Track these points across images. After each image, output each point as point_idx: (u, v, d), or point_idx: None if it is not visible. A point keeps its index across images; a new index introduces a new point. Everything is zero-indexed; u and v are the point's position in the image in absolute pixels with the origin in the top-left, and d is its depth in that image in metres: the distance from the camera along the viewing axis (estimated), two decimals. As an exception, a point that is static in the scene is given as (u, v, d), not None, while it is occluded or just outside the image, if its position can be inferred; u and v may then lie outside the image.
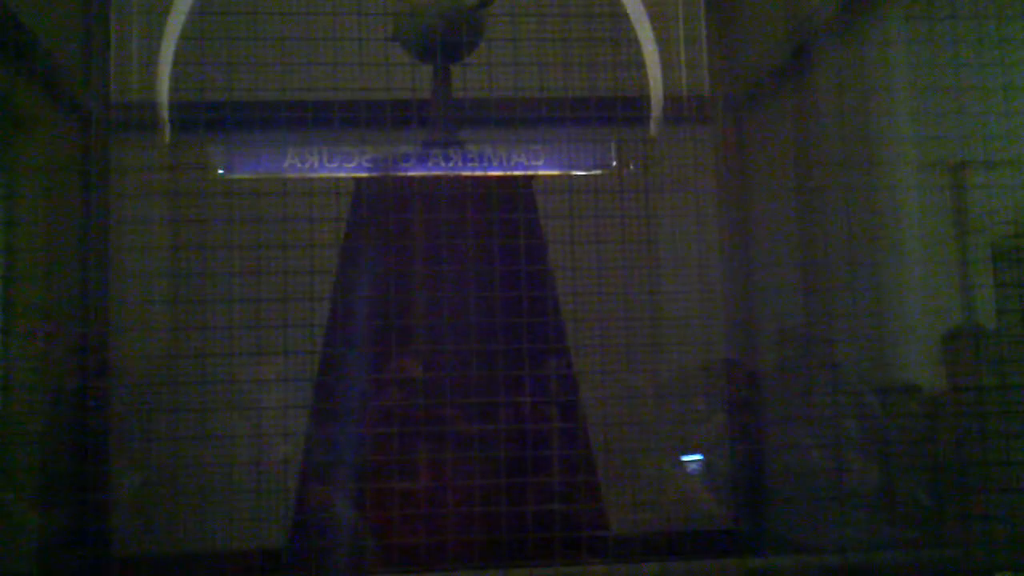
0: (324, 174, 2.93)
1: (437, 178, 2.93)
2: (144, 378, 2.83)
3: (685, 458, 3.05)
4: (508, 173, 2.96)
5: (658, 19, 3.33)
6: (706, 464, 3.08)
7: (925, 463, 2.81)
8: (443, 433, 2.64)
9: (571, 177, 3.01)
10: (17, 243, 2.77)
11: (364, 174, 2.94)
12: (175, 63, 3.08)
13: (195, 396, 2.62)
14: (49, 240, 2.90)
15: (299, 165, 2.94)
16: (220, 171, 2.95)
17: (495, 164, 2.96)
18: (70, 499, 2.75)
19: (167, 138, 3.12)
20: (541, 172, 2.99)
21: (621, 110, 3.02)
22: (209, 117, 2.86)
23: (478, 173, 2.95)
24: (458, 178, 2.94)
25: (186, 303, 2.75)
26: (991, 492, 2.56)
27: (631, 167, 3.07)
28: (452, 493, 2.63)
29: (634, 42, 3.28)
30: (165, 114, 3.12)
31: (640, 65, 3.28)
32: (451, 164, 2.95)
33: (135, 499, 2.88)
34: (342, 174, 2.94)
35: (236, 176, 2.95)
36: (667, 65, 3.32)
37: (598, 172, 3.03)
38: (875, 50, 3.16)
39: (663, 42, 3.34)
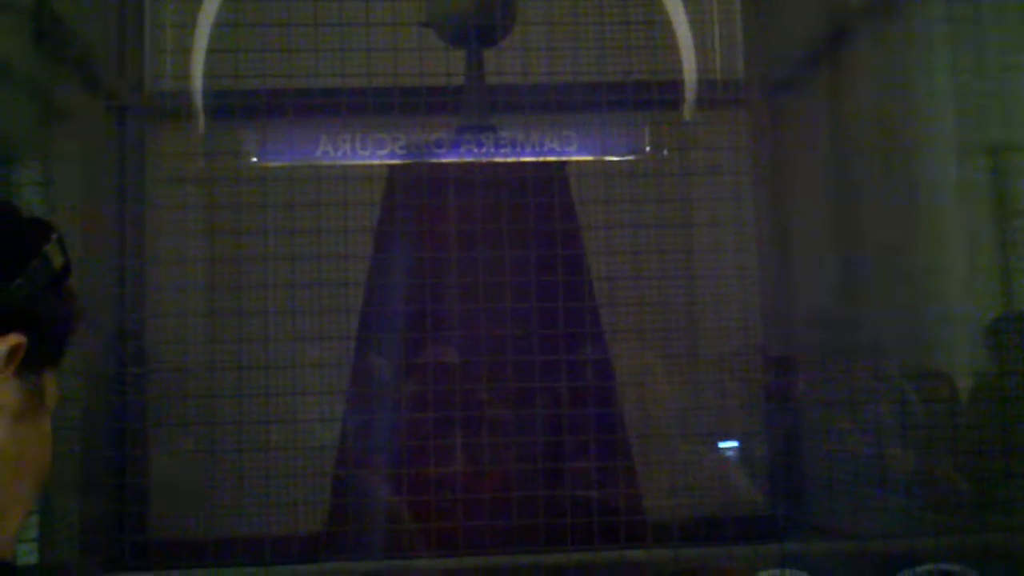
0: (357, 161, 2.94)
1: (470, 164, 2.93)
2: (181, 364, 2.85)
3: (722, 444, 3.03)
4: (541, 159, 2.95)
5: (692, 1, 3.30)
6: (743, 450, 3.06)
7: (966, 449, 2.78)
8: (478, 418, 2.64)
9: (605, 162, 2.99)
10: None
11: (397, 160, 2.94)
12: (209, 51, 3.09)
13: (231, 381, 2.63)
14: (86, 228, 2.92)
15: (332, 152, 2.94)
16: (254, 158, 2.96)
17: (528, 149, 2.96)
18: (109, 484, 2.77)
19: (201, 126, 3.13)
20: (574, 158, 2.98)
21: (655, 94, 3.00)
22: (243, 104, 2.87)
23: (511, 159, 2.94)
24: (491, 163, 2.93)
25: (221, 289, 2.76)
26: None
27: (665, 152, 3.05)
28: (488, 478, 2.63)
29: (668, 25, 3.25)
30: (200, 102, 3.12)
31: (674, 48, 3.25)
32: (484, 150, 2.95)
33: (173, 484, 2.90)
34: (375, 161, 2.94)
35: (270, 163, 2.96)
36: (701, 48, 3.29)
37: (631, 157, 3.01)
38: (915, 30, 3.12)
39: (697, 25, 3.31)
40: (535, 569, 2.42)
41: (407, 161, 2.94)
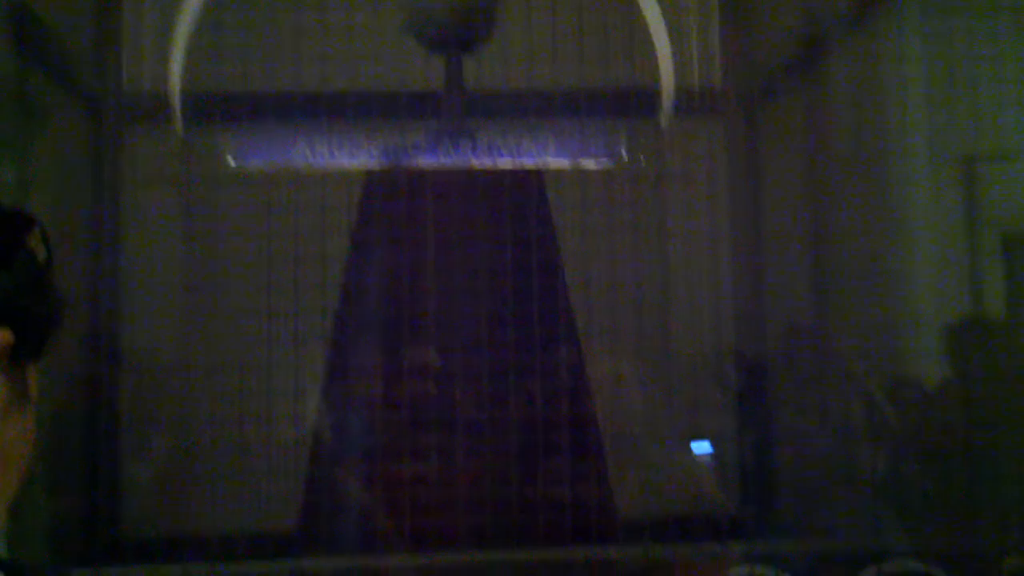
0: (334, 165, 2.94)
1: (448, 168, 2.94)
2: (155, 364, 2.85)
3: (694, 444, 3.05)
4: (518, 164, 2.97)
5: (670, 11, 3.33)
6: (714, 450, 3.07)
7: (934, 452, 2.81)
8: (452, 417, 2.65)
9: (582, 167, 3.01)
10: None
11: (374, 164, 2.95)
12: (187, 53, 3.09)
13: (206, 381, 2.63)
14: (61, 229, 2.91)
15: (309, 155, 2.95)
16: (231, 161, 2.96)
17: (505, 155, 2.97)
18: (82, 483, 2.76)
19: (179, 128, 3.12)
20: (551, 163, 3.00)
21: (632, 101, 3.02)
22: (221, 107, 2.87)
23: (488, 164, 2.96)
24: (469, 168, 2.94)
25: (197, 290, 2.76)
26: (1001, 480, 2.57)
27: (641, 158, 3.07)
28: (461, 476, 2.64)
29: (646, 34, 3.27)
30: (177, 104, 3.12)
31: (652, 57, 3.27)
32: (461, 154, 2.96)
33: (146, 481, 2.89)
34: (352, 164, 2.95)
35: (247, 166, 2.96)
36: (679, 57, 3.32)
37: (608, 163, 3.03)
38: (889, 43, 3.15)
39: (675, 34, 3.33)
40: (508, 566, 2.43)
41: (384, 165, 2.95)
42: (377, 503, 2.62)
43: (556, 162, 3.01)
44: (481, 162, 2.96)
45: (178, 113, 3.10)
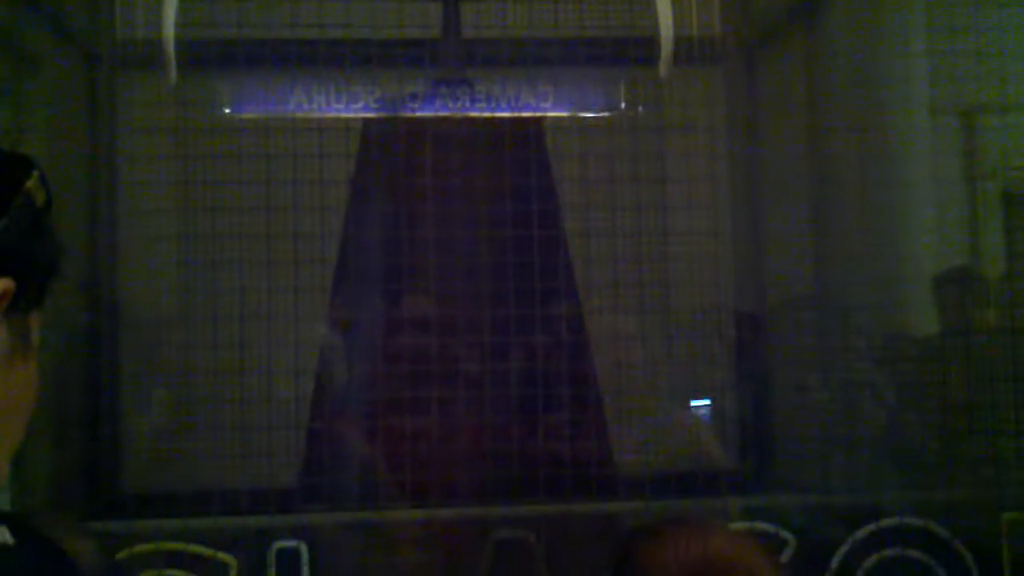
0: (331, 113, 2.92)
1: (446, 118, 2.92)
2: (155, 314, 2.85)
3: (693, 400, 3.06)
4: (516, 114, 2.95)
5: (668, -43, 3.28)
6: (713, 405, 3.09)
7: (934, 406, 2.83)
8: (453, 371, 2.66)
9: (581, 117, 2.99)
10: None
11: (371, 114, 2.93)
12: (182, 0, 3.05)
13: (206, 332, 2.64)
14: (57, 177, 2.89)
15: (306, 104, 2.92)
16: (227, 109, 2.94)
17: (503, 104, 2.95)
18: (82, 436, 2.76)
19: (174, 75, 3.09)
20: (550, 113, 2.98)
21: (631, 50, 2.99)
22: (216, 54, 2.84)
23: (486, 113, 2.94)
24: (467, 117, 2.92)
25: (195, 239, 2.76)
26: (1000, 435, 2.59)
27: (640, 108, 3.05)
28: (462, 431, 2.66)
29: (645, -19, 3.24)
30: (172, 51, 3.08)
31: (651, 4, 3.24)
32: (459, 104, 2.94)
33: (147, 435, 2.90)
34: (349, 113, 2.93)
35: (243, 115, 2.94)
36: (678, 4, 3.28)
37: (607, 113, 3.02)
38: (890, -10, 3.13)
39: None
40: (509, 520, 2.46)
41: (382, 114, 2.93)
42: (377, 457, 2.63)
43: (555, 111, 2.99)
44: (479, 111, 2.94)
45: (173, 61, 3.06)
